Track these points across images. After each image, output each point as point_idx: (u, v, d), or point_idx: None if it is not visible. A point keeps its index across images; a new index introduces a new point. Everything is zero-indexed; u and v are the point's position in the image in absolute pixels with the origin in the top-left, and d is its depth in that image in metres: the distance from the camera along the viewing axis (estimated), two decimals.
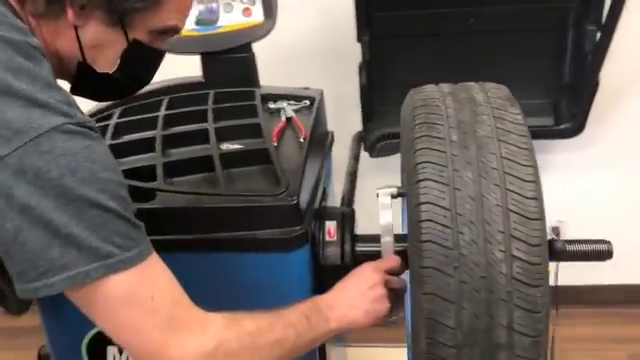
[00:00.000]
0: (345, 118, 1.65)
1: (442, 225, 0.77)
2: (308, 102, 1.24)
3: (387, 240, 0.95)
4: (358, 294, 0.90)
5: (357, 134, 1.80)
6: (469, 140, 0.82)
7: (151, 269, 0.70)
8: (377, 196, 0.96)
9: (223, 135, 1.07)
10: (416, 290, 0.79)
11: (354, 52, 1.67)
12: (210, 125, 1.09)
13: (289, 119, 1.17)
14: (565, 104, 1.75)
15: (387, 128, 1.80)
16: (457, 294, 0.76)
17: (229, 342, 0.74)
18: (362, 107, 1.74)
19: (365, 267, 0.93)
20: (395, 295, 0.91)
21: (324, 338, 0.88)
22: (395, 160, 1.86)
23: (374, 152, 1.82)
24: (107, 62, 0.81)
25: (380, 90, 1.78)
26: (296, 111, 1.21)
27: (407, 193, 0.85)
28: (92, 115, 1.20)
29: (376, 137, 1.81)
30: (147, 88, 1.27)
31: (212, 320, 0.74)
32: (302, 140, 1.07)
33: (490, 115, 0.85)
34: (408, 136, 0.87)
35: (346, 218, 1.04)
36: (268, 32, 1.27)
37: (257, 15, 1.27)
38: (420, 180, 0.79)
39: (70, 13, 0.75)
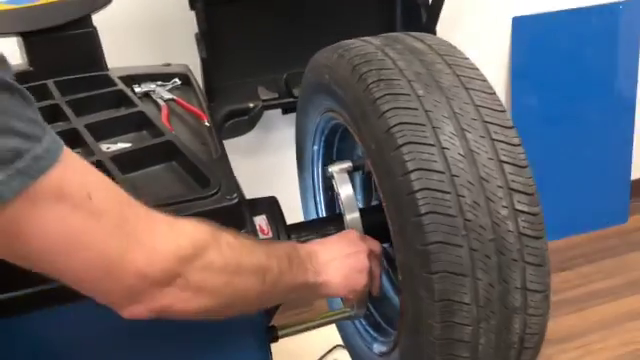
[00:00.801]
0: None
1: (441, 192, 0.66)
2: (179, 80, 1.02)
3: (354, 217, 0.81)
4: (340, 255, 0.76)
5: None
6: (436, 92, 0.72)
7: (73, 161, 0.54)
8: (330, 175, 0.81)
9: (99, 133, 0.82)
10: (418, 271, 0.68)
11: (187, 22, 1.46)
12: (77, 123, 0.82)
13: (168, 102, 0.94)
14: None
15: (233, 105, 1.64)
16: (469, 265, 0.67)
17: (207, 249, 0.60)
18: (204, 84, 1.54)
19: (351, 232, 0.80)
20: (372, 276, 0.79)
21: (297, 292, 0.73)
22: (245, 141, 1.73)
23: (223, 133, 1.64)
24: None
25: (221, 63, 1.60)
26: (169, 91, 0.98)
27: (376, 164, 0.72)
28: None
29: (222, 116, 1.63)
30: None
31: (181, 221, 0.59)
32: (207, 124, 0.86)
33: (444, 63, 0.76)
34: (358, 101, 0.75)
35: (274, 208, 0.88)
36: (108, 1, 1.01)
37: None
38: (401, 145, 0.68)
39: None
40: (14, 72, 0.91)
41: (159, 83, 1.00)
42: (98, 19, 1.09)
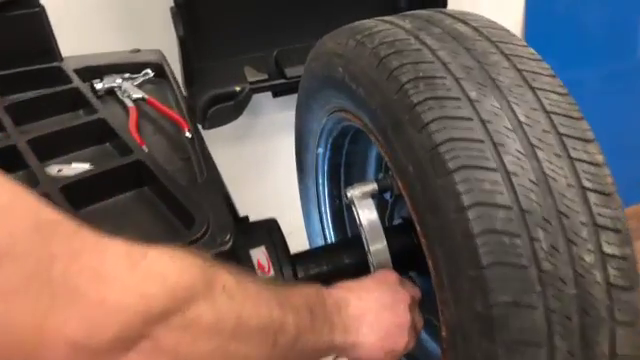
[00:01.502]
0: None
1: (509, 234, 0.49)
2: (151, 71, 0.83)
3: (380, 248, 0.64)
4: (377, 305, 0.58)
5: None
6: (494, 95, 0.54)
7: None
8: (349, 199, 0.63)
9: (47, 150, 0.63)
10: (477, 339, 0.51)
11: None
12: (17, 137, 0.63)
13: (138, 102, 0.75)
14: None
15: (216, 89, 1.43)
16: (545, 331, 0.50)
17: (193, 300, 0.41)
18: (183, 66, 1.33)
19: (389, 274, 0.62)
20: (414, 333, 0.62)
21: (318, 356, 0.55)
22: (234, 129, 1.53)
23: (207, 122, 1.44)
24: None
25: (201, 41, 1.39)
26: (139, 86, 0.79)
27: (414, 194, 0.55)
28: None
29: (205, 102, 1.43)
30: None
31: (154, 255, 0.40)
32: (188, 135, 0.67)
33: (500, 53, 0.58)
34: (388, 105, 0.56)
35: (273, 235, 0.70)
36: None
37: None
38: (453, 170, 0.50)
39: None
40: None
41: (126, 76, 0.80)
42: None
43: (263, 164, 1.67)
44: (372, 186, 0.63)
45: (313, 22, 1.49)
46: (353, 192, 0.63)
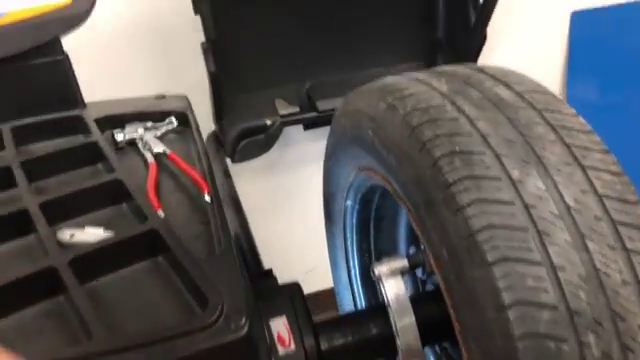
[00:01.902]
0: None
1: (553, 338, 0.44)
2: (175, 121, 0.80)
3: (408, 324, 0.59)
4: None
5: (211, 136, 1.38)
6: (540, 174, 0.49)
7: None
8: (376, 277, 0.58)
9: (57, 213, 0.60)
10: None
11: (185, 30, 1.24)
12: (29, 199, 0.60)
13: (159, 157, 0.72)
14: (445, 63, 1.52)
15: (247, 122, 1.41)
16: None
17: None
18: (213, 101, 1.31)
19: None
20: None
21: None
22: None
23: (237, 156, 1.41)
24: None
25: (232, 74, 1.37)
26: (161, 138, 0.76)
27: (449, 285, 0.49)
28: None
29: (235, 136, 1.40)
30: None
31: None
32: (207, 197, 0.64)
33: (545, 124, 0.52)
34: (421, 181, 0.51)
35: (296, 303, 0.66)
36: (83, 18, 0.78)
37: None
38: (492, 263, 0.45)
39: None
40: None
41: (149, 125, 0.77)
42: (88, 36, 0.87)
43: (292, 195, 1.63)
44: (402, 262, 0.59)
45: (345, 55, 1.46)
46: (381, 269, 0.58)
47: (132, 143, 0.75)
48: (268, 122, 1.41)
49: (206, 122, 1.32)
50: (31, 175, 0.65)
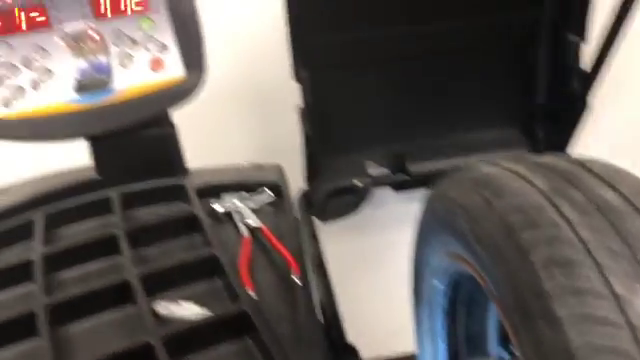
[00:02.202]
0: None
1: None
2: (270, 193, 0.82)
3: None
4: None
5: (302, 196, 1.40)
6: None
7: None
8: None
9: (154, 286, 0.63)
10: None
11: (274, 91, 1.29)
12: (129, 271, 0.64)
13: (253, 232, 0.74)
14: (543, 131, 1.47)
15: (337, 182, 1.42)
16: None
17: None
18: (307, 162, 1.34)
19: None
20: None
21: None
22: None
23: (325, 215, 1.43)
24: None
25: (325, 136, 1.40)
26: (256, 211, 0.78)
27: None
28: None
29: (325, 195, 1.42)
30: (4, 202, 0.80)
31: None
32: (298, 281, 0.65)
33: None
34: (517, 288, 0.49)
35: None
36: (194, 91, 0.83)
37: (173, 67, 0.82)
38: None
39: None
40: (79, 182, 0.76)
41: (245, 195, 0.80)
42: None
43: (379, 256, 1.62)
44: None
45: (439, 119, 1.46)
46: None
47: (228, 215, 0.78)
48: (358, 183, 1.42)
49: (298, 181, 1.36)
50: (134, 243, 0.69)
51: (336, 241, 1.56)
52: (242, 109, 1.36)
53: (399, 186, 1.48)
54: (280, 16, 1.10)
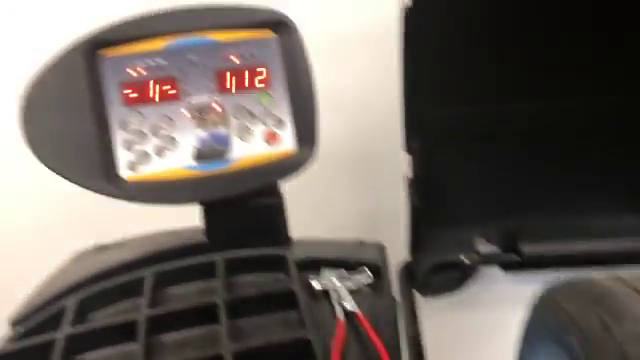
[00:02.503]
0: None
1: None
2: (369, 274, 0.81)
3: None
4: None
5: (404, 268, 1.38)
6: None
7: None
8: None
9: None
10: None
11: (382, 161, 1.28)
12: (226, 346, 0.65)
13: (348, 316, 0.73)
14: None
15: (442, 257, 1.38)
16: None
17: None
18: (411, 233, 1.32)
19: None
20: None
21: None
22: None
23: (428, 291, 1.39)
24: None
25: (432, 209, 1.37)
26: (353, 292, 0.77)
27: None
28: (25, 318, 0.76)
29: (428, 268, 1.38)
30: (122, 256, 0.86)
31: None
32: None
33: None
34: None
35: None
36: (303, 165, 0.85)
37: (287, 142, 0.85)
38: None
39: None
40: (187, 245, 0.80)
41: (343, 275, 0.80)
42: None
43: (480, 338, 1.53)
44: None
45: (555, 200, 1.38)
46: None
47: (325, 293, 0.78)
48: (465, 259, 1.37)
49: (399, 253, 1.33)
50: (232, 313, 0.71)
51: (436, 317, 1.51)
52: (348, 177, 1.37)
53: (508, 266, 1.41)
54: (390, 88, 1.11)
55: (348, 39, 1.34)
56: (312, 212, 1.17)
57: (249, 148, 0.84)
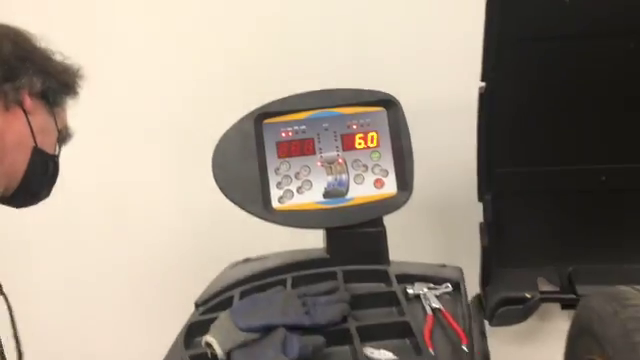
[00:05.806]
0: None
1: None
2: (450, 287, 1.08)
3: None
4: None
5: (476, 298, 1.62)
6: None
7: None
8: None
9: (365, 336, 0.92)
10: None
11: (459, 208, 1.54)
12: (351, 322, 0.94)
13: (435, 311, 1.00)
14: None
15: (508, 292, 1.62)
16: None
17: None
18: (482, 269, 1.57)
19: None
20: None
21: None
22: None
23: (495, 320, 1.62)
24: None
25: (501, 251, 1.62)
26: (438, 297, 1.05)
27: None
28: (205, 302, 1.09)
29: (496, 302, 1.62)
30: (266, 264, 1.17)
31: None
32: (464, 348, 0.90)
33: None
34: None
35: None
36: (402, 205, 1.15)
37: (390, 186, 1.16)
38: None
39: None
40: (315, 259, 1.10)
41: (431, 286, 1.08)
42: None
43: None
44: None
45: (610, 249, 1.59)
46: None
47: (417, 297, 1.06)
48: (528, 295, 1.60)
49: (473, 285, 1.58)
50: (354, 305, 1.00)
51: (500, 344, 1.72)
52: (431, 218, 1.64)
53: (566, 304, 1.62)
54: (469, 148, 1.38)
55: (437, 110, 1.65)
56: (403, 243, 1.44)
57: (362, 190, 1.15)
